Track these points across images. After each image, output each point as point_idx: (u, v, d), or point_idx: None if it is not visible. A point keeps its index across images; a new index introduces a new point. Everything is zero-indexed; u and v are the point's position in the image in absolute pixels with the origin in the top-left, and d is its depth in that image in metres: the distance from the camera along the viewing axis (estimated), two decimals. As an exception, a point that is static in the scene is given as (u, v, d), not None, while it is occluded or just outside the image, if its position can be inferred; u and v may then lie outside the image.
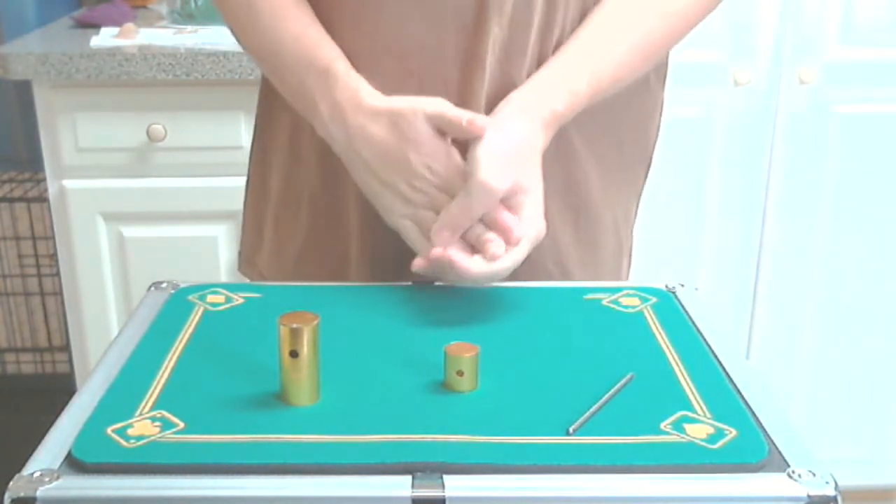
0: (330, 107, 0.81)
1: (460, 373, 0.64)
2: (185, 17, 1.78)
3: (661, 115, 1.03)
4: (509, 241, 0.77)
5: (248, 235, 1.03)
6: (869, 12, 1.68)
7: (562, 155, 0.90)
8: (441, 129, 0.79)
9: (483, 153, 0.77)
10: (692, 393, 0.64)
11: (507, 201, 0.78)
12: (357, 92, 0.81)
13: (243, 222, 1.04)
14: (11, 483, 0.53)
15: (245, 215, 1.03)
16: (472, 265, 0.77)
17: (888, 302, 1.86)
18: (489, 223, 0.78)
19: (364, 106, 0.80)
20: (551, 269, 0.92)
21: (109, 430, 0.59)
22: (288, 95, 0.87)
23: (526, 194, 0.78)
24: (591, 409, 0.61)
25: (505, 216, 0.77)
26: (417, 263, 0.79)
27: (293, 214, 0.95)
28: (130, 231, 1.64)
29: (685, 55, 1.69)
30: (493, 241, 0.77)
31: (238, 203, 1.04)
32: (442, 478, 0.54)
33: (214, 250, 1.64)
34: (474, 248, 0.78)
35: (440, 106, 0.79)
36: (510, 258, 0.77)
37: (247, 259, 1.03)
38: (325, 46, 0.84)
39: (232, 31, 0.91)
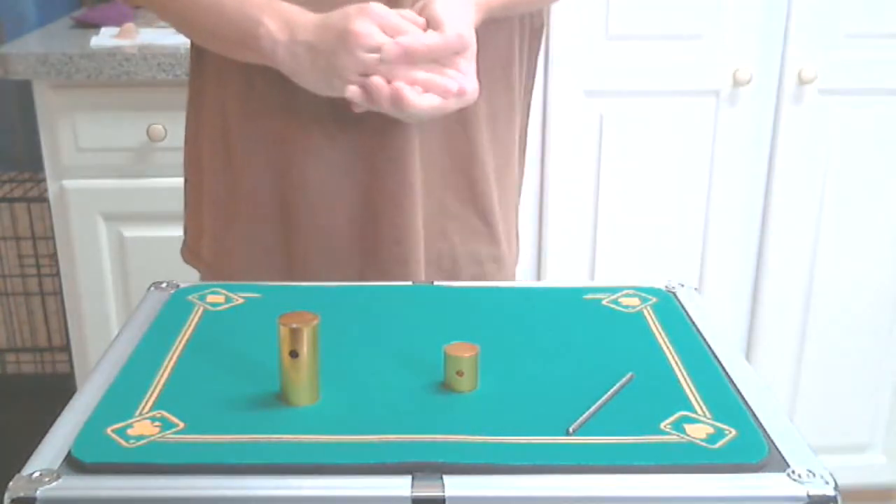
0: (276, 20, 0.85)
1: (460, 373, 0.64)
2: (185, 17, 1.78)
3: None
4: (459, 90, 0.83)
5: (191, 228, 1.05)
6: (870, 12, 1.68)
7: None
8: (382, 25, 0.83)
9: (436, 11, 0.83)
10: (692, 393, 0.64)
11: (454, 58, 0.84)
12: (301, 7, 0.86)
13: (185, 217, 1.06)
14: (11, 483, 0.53)
15: (185, 209, 1.06)
16: (420, 99, 0.81)
17: (888, 302, 1.86)
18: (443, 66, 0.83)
19: (310, 14, 0.85)
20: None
21: (109, 430, 0.59)
22: (225, 38, 0.90)
23: (470, 52, 0.84)
24: (591, 409, 0.61)
25: (464, 65, 0.84)
26: (352, 91, 0.82)
27: (229, 209, 0.97)
28: (130, 231, 1.64)
29: (686, 55, 1.69)
30: (453, 80, 0.82)
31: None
32: (442, 478, 0.54)
33: (214, 250, 1.64)
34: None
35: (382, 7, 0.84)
36: (452, 102, 0.83)
37: (191, 250, 1.05)
38: None
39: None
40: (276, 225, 0.96)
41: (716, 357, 0.70)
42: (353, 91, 0.82)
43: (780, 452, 0.58)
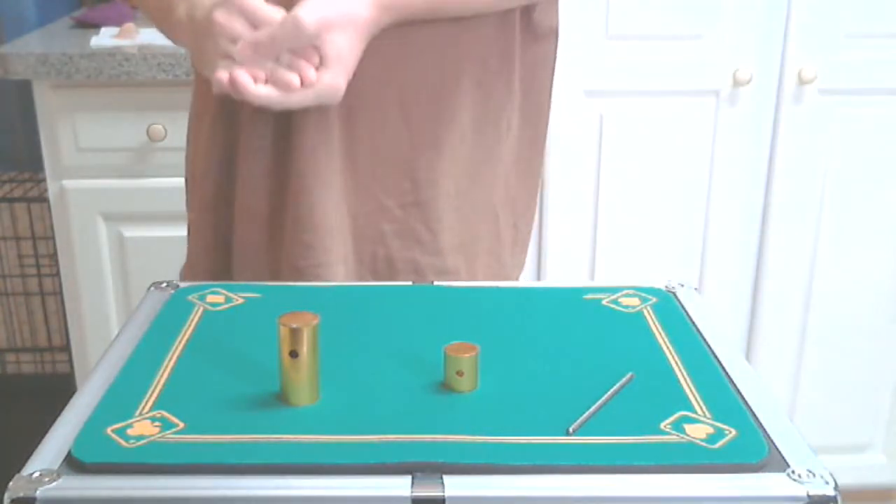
0: (185, 6, 0.89)
1: (460, 373, 0.64)
2: (185, 17, 1.78)
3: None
4: (301, 82, 0.83)
5: (190, 252, 1.06)
6: (870, 12, 1.68)
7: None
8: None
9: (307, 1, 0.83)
10: (692, 393, 0.64)
11: (312, 53, 0.83)
12: None
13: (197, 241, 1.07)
14: (11, 483, 0.53)
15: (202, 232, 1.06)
16: (257, 89, 0.82)
17: (888, 302, 1.86)
18: (291, 59, 0.84)
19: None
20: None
21: (109, 430, 0.59)
22: (158, 15, 0.95)
23: (332, 50, 0.83)
24: (591, 409, 0.61)
25: (303, 61, 0.83)
26: (215, 78, 0.83)
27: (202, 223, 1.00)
28: (130, 231, 1.64)
29: (686, 54, 1.69)
30: (287, 74, 0.83)
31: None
32: (442, 478, 0.54)
33: (214, 250, 1.64)
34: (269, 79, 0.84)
35: None
36: (297, 96, 0.83)
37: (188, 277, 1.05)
38: None
39: None
40: (215, 214, 0.98)
41: (716, 357, 0.70)
42: (215, 78, 0.83)
43: (780, 452, 0.58)
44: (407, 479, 0.54)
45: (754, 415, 0.62)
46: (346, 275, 0.94)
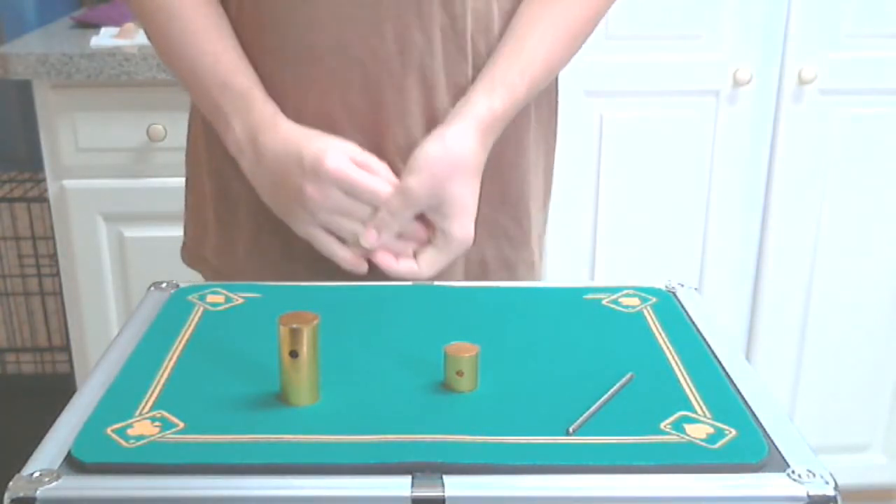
0: (244, 128, 0.84)
1: (460, 373, 0.64)
2: (185, 17, 1.78)
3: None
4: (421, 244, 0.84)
5: (192, 230, 1.03)
6: (870, 12, 1.68)
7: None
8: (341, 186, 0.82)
9: (415, 162, 0.82)
10: (692, 393, 0.64)
11: (435, 210, 0.83)
12: (274, 116, 0.84)
13: (185, 217, 1.04)
14: (11, 483, 0.53)
15: (186, 210, 1.04)
16: (400, 266, 0.84)
17: (888, 302, 1.86)
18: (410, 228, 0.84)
19: (279, 128, 0.83)
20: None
21: (109, 430, 0.59)
22: (202, 107, 0.89)
23: (453, 205, 0.83)
24: (591, 409, 0.61)
25: (418, 227, 0.84)
26: (344, 258, 0.84)
27: (232, 214, 0.96)
28: (130, 231, 1.64)
29: (686, 54, 1.69)
30: (406, 247, 0.84)
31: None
32: (442, 478, 0.54)
33: (214, 250, 1.64)
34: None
35: (347, 151, 0.82)
36: (430, 264, 0.84)
37: (193, 254, 1.03)
38: (244, 72, 0.86)
39: (150, 38, 0.91)
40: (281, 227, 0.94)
41: (716, 357, 0.70)
42: (346, 260, 0.84)
43: (780, 452, 0.58)
44: (407, 479, 0.54)
45: (754, 415, 0.62)
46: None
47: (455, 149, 0.83)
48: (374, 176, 0.82)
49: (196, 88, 0.87)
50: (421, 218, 0.84)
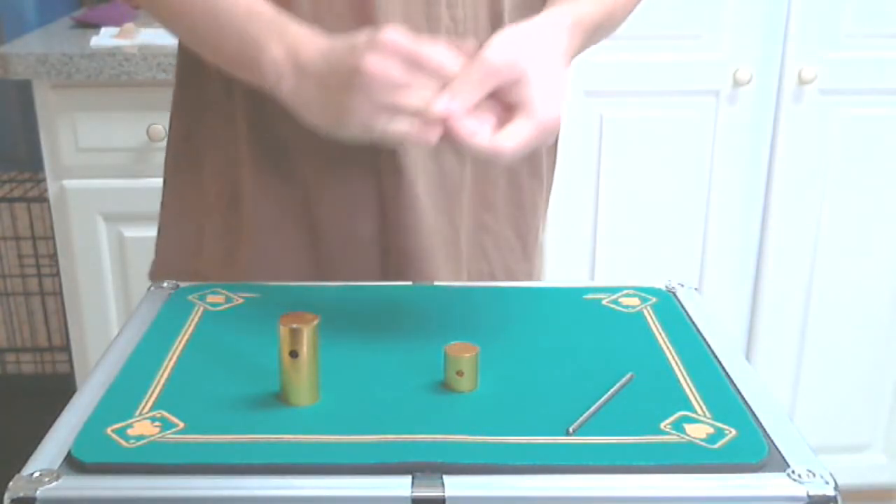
0: (281, 47, 0.76)
1: (460, 373, 0.64)
2: (185, 17, 1.78)
3: None
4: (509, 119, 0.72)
5: (179, 242, 0.98)
6: (870, 12, 1.68)
7: None
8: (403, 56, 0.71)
9: (497, 38, 0.73)
10: (692, 393, 0.64)
11: (517, 85, 0.72)
12: (312, 33, 0.76)
13: (164, 229, 1.00)
14: (11, 483, 0.53)
15: (169, 221, 0.99)
16: (487, 140, 0.71)
17: (888, 302, 1.86)
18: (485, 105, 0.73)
19: (321, 40, 0.75)
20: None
21: (109, 430, 0.59)
22: (224, 55, 0.81)
23: (538, 80, 0.73)
24: (591, 409, 0.61)
25: (496, 104, 0.73)
26: (411, 132, 0.72)
27: (236, 220, 0.92)
28: (130, 231, 1.64)
29: (686, 54, 1.69)
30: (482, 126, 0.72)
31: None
32: (442, 478, 0.54)
33: (214, 250, 1.64)
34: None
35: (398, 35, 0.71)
36: (514, 138, 0.71)
37: (177, 267, 0.96)
38: (266, 4, 0.79)
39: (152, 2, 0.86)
40: (296, 239, 0.90)
41: (716, 357, 0.70)
42: (410, 134, 0.72)
43: (780, 452, 0.58)
44: (407, 479, 0.54)
45: (754, 415, 0.62)
46: None
47: (545, 36, 0.76)
48: (440, 48, 0.72)
49: (214, 29, 0.80)
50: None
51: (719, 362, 0.69)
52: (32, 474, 0.54)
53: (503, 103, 0.73)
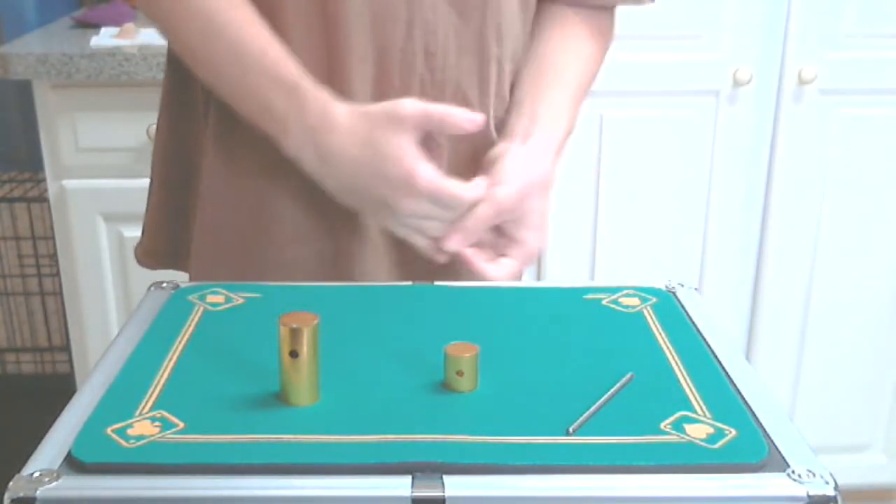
0: (302, 131, 0.81)
1: (460, 373, 0.64)
2: (185, 17, 1.78)
3: None
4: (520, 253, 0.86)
5: (166, 233, 1.02)
6: (870, 12, 1.68)
7: None
8: (426, 126, 0.81)
9: (505, 174, 0.84)
10: (692, 393, 0.64)
11: (516, 222, 0.85)
12: (326, 107, 0.81)
13: (153, 218, 1.03)
14: (11, 483, 0.53)
15: (156, 213, 1.03)
16: (488, 268, 0.84)
17: (888, 302, 1.86)
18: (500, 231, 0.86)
19: (337, 125, 0.80)
20: None
21: (109, 430, 0.59)
22: (247, 111, 0.84)
23: (533, 218, 0.86)
24: (591, 409, 0.61)
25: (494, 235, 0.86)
26: (427, 248, 0.85)
27: (231, 218, 0.93)
28: (130, 231, 1.64)
29: (686, 54, 1.69)
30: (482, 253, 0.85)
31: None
32: (442, 478, 0.54)
33: (214, 250, 1.64)
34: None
35: (417, 105, 0.80)
36: (508, 271, 0.86)
37: (163, 256, 1.03)
38: (290, 62, 0.83)
39: (175, 41, 0.89)
40: (240, 256, 0.93)
41: (716, 357, 0.70)
42: (426, 249, 0.85)
43: (780, 452, 0.58)
44: (407, 479, 0.54)
45: (754, 415, 0.62)
46: None
47: (539, 166, 0.87)
48: (461, 184, 0.82)
49: (243, 87, 0.83)
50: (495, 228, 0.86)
51: (719, 362, 0.69)
52: (32, 474, 0.54)
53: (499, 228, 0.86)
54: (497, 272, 0.85)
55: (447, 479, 0.54)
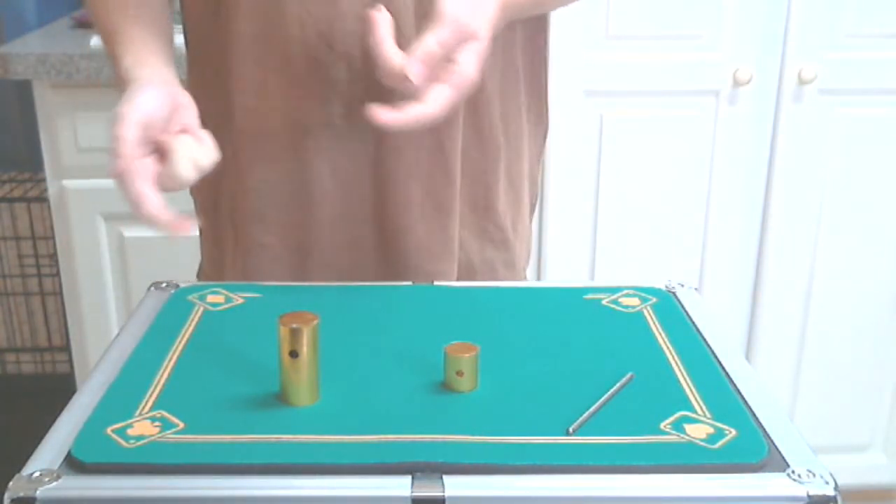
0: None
1: (460, 373, 0.64)
2: (185, 17, 1.78)
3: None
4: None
5: (207, 251, 1.01)
6: (870, 12, 1.68)
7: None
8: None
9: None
10: (692, 393, 0.64)
11: (460, 44, 0.77)
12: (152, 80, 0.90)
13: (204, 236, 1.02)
14: (11, 483, 0.53)
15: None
16: (405, 114, 0.75)
17: (888, 302, 1.86)
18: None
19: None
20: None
21: (109, 430, 0.59)
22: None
23: (473, 41, 0.77)
24: (591, 409, 0.61)
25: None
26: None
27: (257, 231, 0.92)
28: (130, 231, 1.64)
29: (686, 54, 1.69)
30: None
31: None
32: (442, 478, 0.54)
33: (214, 250, 1.64)
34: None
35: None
36: (437, 97, 0.76)
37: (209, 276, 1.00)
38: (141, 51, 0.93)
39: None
40: (287, 226, 0.91)
41: (716, 357, 0.70)
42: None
43: (780, 452, 0.58)
44: (407, 479, 0.54)
45: (754, 415, 0.62)
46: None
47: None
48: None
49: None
50: None
51: (719, 362, 0.69)
52: (32, 474, 0.54)
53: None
54: (433, 104, 0.76)
55: (447, 479, 0.54)
